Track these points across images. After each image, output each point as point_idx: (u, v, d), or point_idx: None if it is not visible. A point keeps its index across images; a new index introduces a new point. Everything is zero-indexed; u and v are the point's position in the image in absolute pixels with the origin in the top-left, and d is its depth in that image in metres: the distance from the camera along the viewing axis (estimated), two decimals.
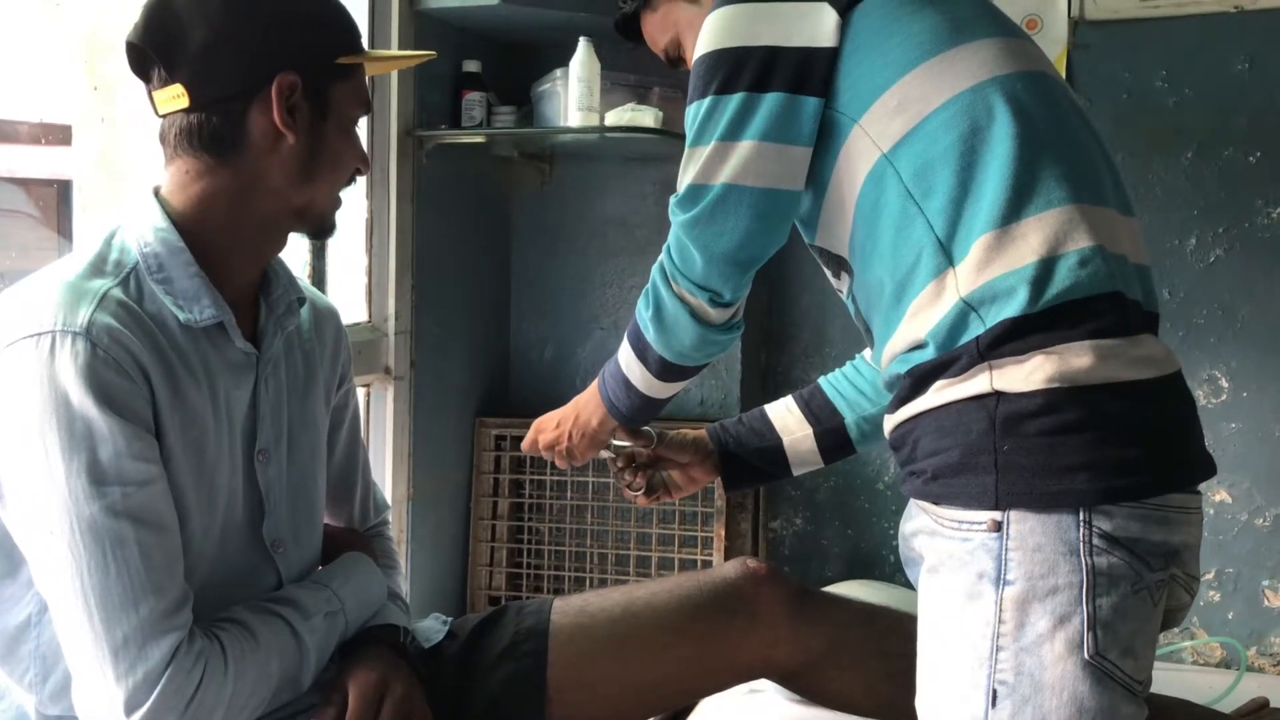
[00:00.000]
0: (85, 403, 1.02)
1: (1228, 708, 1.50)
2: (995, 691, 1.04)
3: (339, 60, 1.18)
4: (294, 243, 1.31)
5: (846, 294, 1.27)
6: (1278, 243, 2.12)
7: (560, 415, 1.53)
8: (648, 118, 2.12)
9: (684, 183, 1.22)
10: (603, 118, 2.14)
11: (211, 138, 1.13)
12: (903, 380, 1.13)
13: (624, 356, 1.40)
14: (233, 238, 1.17)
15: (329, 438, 1.36)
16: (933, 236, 1.10)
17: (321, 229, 1.24)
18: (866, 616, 1.43)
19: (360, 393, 2.01)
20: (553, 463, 1.57)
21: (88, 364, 1.03)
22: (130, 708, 1.04)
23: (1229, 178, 2.14)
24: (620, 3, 1.47)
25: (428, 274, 2.26)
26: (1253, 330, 2.15)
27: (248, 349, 1.19)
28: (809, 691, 1.46)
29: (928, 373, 1.10)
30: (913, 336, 1.12)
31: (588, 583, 2.42)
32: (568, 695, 1.32)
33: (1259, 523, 2.16)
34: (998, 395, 1.05)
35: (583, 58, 2.13)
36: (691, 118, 1.22)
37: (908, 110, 1.13)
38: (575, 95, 2.14)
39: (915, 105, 1.12)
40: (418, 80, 2.20)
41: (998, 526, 1.04)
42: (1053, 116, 1.14)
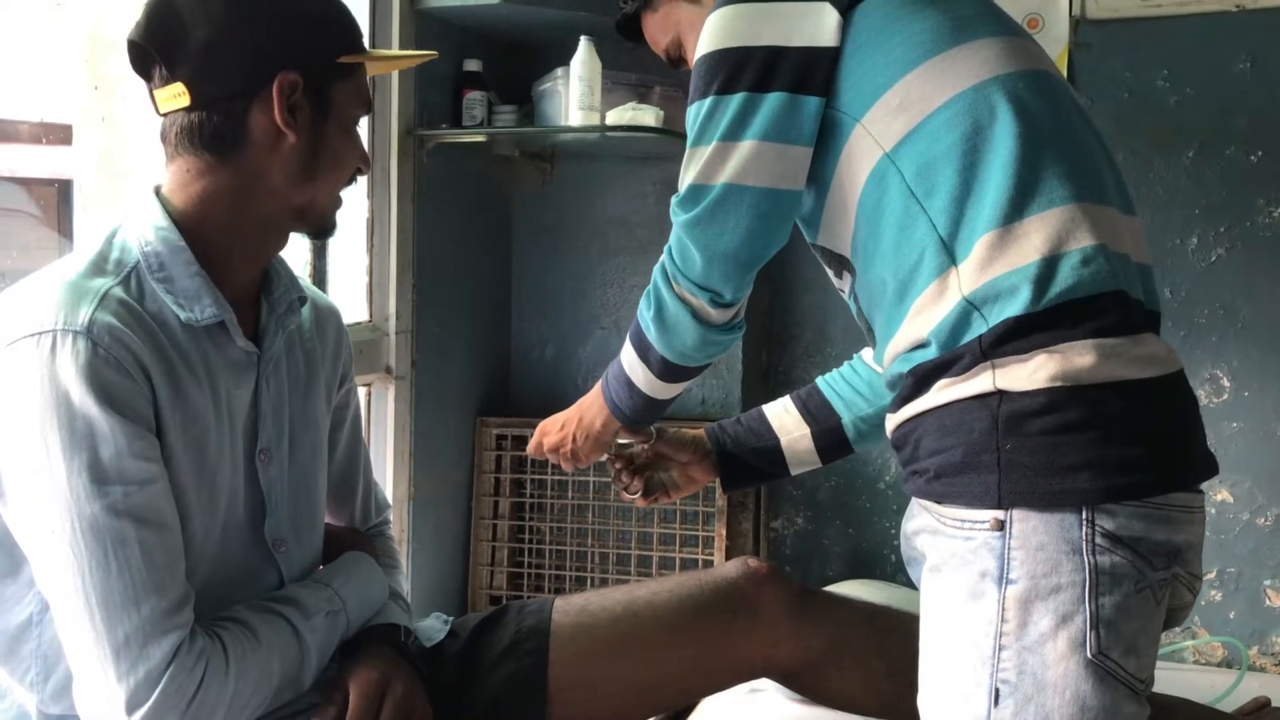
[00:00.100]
0: (86, 402, 1.02)
1: (1229, 707, 1.50)
2: (998, 690, 1.04)
3: (340, 59, 1.18)
4: (295, 242, 1.31)
5: (848, 293, 1.27)
6: (1279, 242, 2.12)
7: (564, 418, 1.53)
8: (649, 117, 2.12)
9: (685, 183, 1.22)
10: (604, 117, 2.14)
11: (212, 136, 1.13)
12: (905, 379, 1.13)
13: (626, 358, 1.40)
14: (234, 237, 1.17)
15: (330, 437, 1.36)
16: (935, 235, 1.10)
17: (322, 228, 1.24)
18: (868, 616, 1.43)
19: (361, 392, 2.01)
20: (556, 464, 1.57)
21: (89, 363, 1.02)
22: (132, 707, 1.04)
23: (1230, 177, 2.14)
24: (621, 3, 1.47)
25: (429, 273, 2.26)
26: (1254, 329, 2.14)
27: (249, 348, 1.19)
28: (810, 691, 1.45)
29: (930, 372, 1.10)
30: (915, 335, 1.12)
31: (589, 582, 2.41)
32: (569, 694, 1.32)
33: (1260, 522, 2.16)
34: (1000, 394, 1.05)
35: (584, 57, 2.13)
36: (692, 118, 1.21)
37: (910, 109, 1.13)
38: (576, 94, 2.13)
39: (917, 104, 1.12)
40: (418, 79, 2.20)
41: (1000, 525, 1.04)
42: (1055, 115, 1.14)
